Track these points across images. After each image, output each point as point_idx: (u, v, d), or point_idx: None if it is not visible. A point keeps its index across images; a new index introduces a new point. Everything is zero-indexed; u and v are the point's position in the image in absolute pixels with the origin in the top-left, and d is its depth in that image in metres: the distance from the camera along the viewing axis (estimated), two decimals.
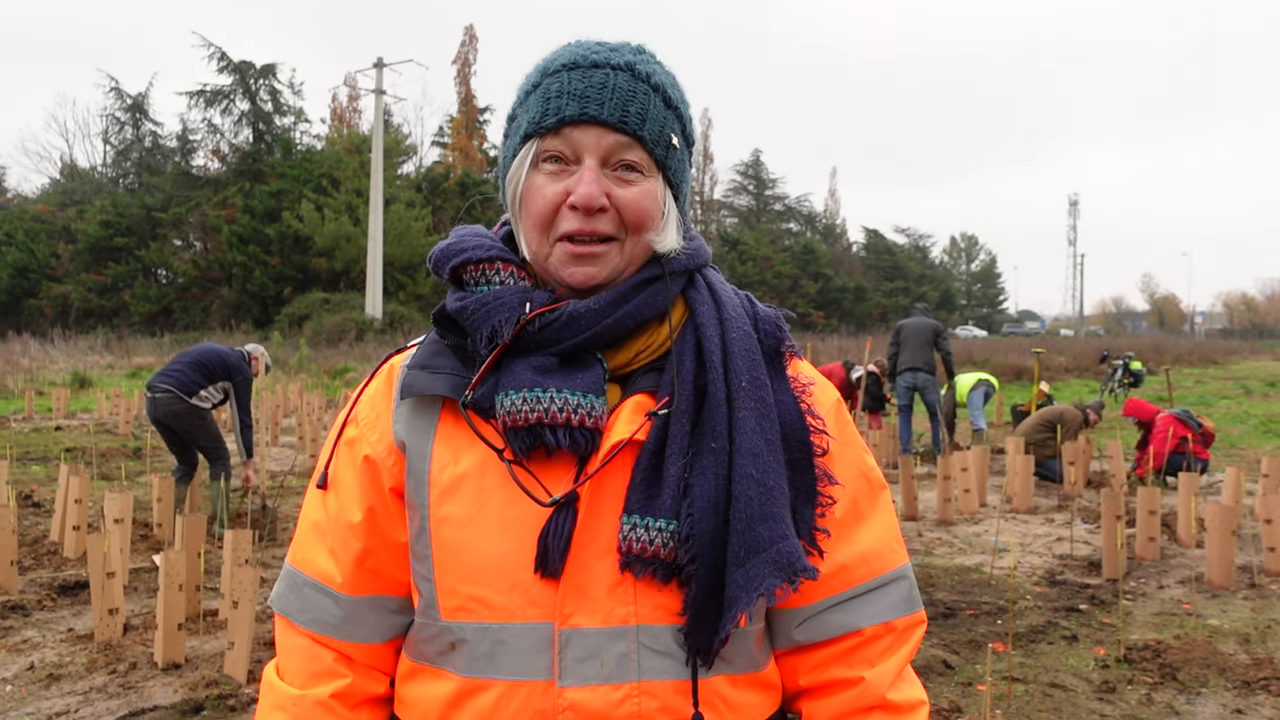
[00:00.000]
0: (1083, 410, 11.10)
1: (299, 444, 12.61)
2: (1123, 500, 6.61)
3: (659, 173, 1.21)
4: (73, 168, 54.91)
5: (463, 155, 53.00)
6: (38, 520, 8.17)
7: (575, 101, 1.17)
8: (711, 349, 1.21)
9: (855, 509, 1.27)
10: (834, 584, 1.23)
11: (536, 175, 1.20)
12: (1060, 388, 23.70)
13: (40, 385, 21.02)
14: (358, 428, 1.28)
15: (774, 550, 1.14)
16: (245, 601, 4.53)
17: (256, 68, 48.22)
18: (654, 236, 1.21)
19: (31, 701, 4.40)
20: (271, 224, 42.10)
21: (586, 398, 1.16)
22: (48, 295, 43.56)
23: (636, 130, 1.18)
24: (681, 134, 1.24)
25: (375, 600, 1.26)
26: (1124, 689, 4.59)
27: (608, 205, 1.17)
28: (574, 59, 1.21)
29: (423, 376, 1.22)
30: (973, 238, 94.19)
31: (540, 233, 1.20)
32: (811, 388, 1.28)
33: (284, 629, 1.30)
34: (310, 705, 1.24)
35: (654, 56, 1.25)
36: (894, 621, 1.25)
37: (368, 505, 1.25)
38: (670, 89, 1.22)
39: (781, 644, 1.27)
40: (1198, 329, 78.53)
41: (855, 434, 1.32)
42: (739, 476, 1.15)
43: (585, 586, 1.15)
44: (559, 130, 1.18)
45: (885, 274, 70.04)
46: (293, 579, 1.29)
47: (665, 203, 1.22)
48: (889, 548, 1.28)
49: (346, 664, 1.26)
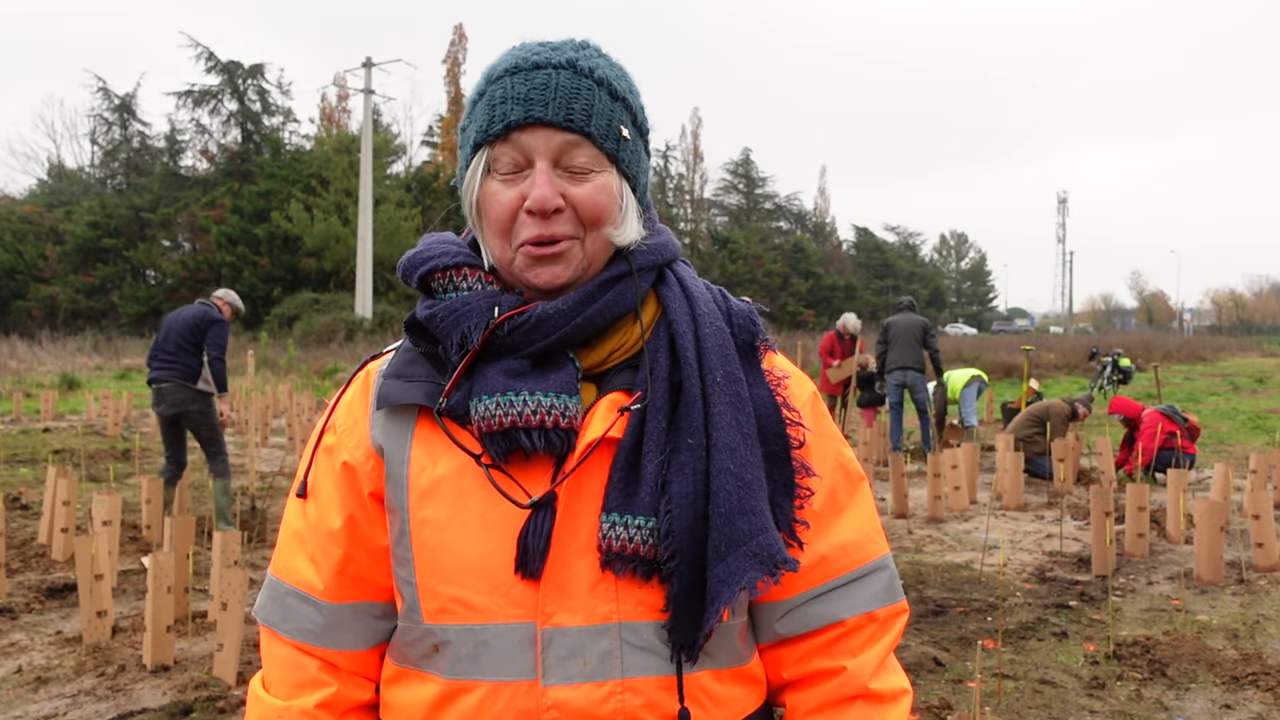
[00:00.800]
0: (1070, 404, 11.17)
1: (289, 444, 12.58)
2: (1112, 496, 6.64)
3: (612, 166, 1.21)
4: (60, 168, 54.57)
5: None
6: (25, 522, 8.14)
7: (520, 105, 1.17)
8: (685, 345, 1.21)
9: (834, 501, 1.27)
10: (815, 575, 1.24)
11: (491, 182, 1.20)
12: (1049, 385, 23.77)
13: (28, 387, 20.93)
14: (335, 435, 1.28)
15: (754, 543, 1.14)
16: (234, 603, 4.52)
17: (245, 68, 48.09)
18: (612, 230, 1.21)
19: (20, 704, 4.38)
20: (260, 224, 41.98)
21: (560, 398, 1.16)
22: (35, 297, 43.34)
23: (583, 127, 1.17)
24: (633, 124, 1.23)
25: (358, 606, 1.26)
26: (1114, 685, 4.60)
27: (563, 205, 1.17)
28: (516, 63, 1.21)
29: (397, 385, 1.23)
30: (962, 235, 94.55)
31: (502, 239, 1.20)
32: (787, 380, 1.28)
33: (268, 639, 1.30)
34: (295, 716, 1.24)
35: (598, 50, 1.25)
36: (875, 611, 1.25)
37: (347, 512, 1.25)
38: (616, 81, 1.22)
39: (765, 637, 1.27)
40: (1186, 326, 78.70)
41: (832, 426, 1.32)
42: (717, 471, 1.15)
43: (566, 585, 1.15)
44: (507, 136, 1.18)
45: (875, 272, 70.22)
46: (275, 589, 1.29)
47: (622, 195, 1.22)
48: (869, 538, 1.28)
49: (331, 672, 1.26)
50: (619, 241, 1.22)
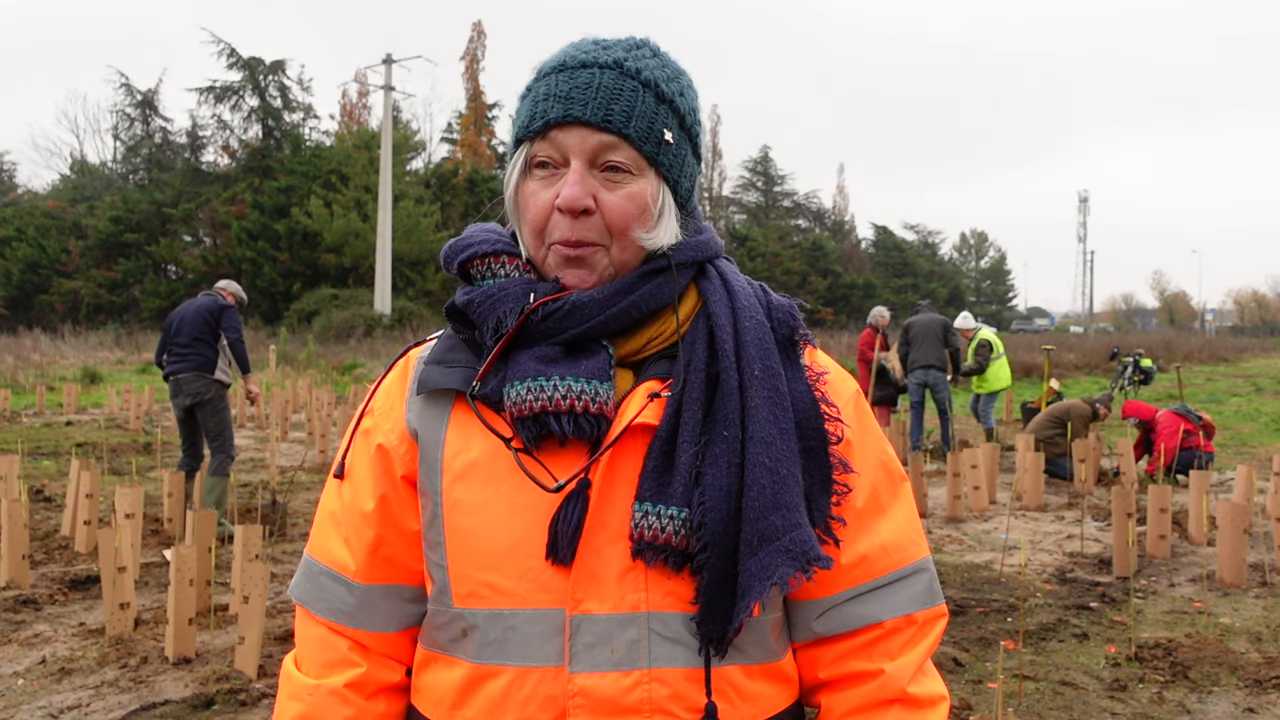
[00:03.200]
0: (1091, 404, 11.10)
1: (308, 439, 12.63)
2: (1133, 498, 6.59)
3: (651, 168, 1.21)
4: (83, 164, 55.02)
5: (471, 151, 53.04)
6: (49, 515, 8.21)
7: (560, 104, 1.17)
8: (724, 337, 1.21)
9: (876, 500, 1.26)
10: (855, 575, 1.23)
11: (529, 181, 1.21)
12: (1070, 385, 23.63)
13: (51, 380, 21.10)
14: (373, 418, 1.31)
15: (787, 539, 1.13)
16: (255, 597, 4.54)
17: (266, 64, 48.29)
18: (642, 235, 1.20)
19: (43, 695, 4.42)
20: (280, 220, 42.16)
21: (590, 384, 1.16)
22: (58, 291, 43.68)
23: (621, 129, 1.17)
24: (680, 127, 1.23)
25: (389, 589, 1.28)
26: (1135, 687, 4.57)
27: (593, 207, 1.17)
28: (563, 60, 1.21)
29: (437, 371, 1.24)
30: (982, 234, 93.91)
31: (536, 237, 1.22)
32: (826, 376, 1.28)
33: (302, 618, 1.32)
34: (325, 695, 1.25)
35: (653, 51, 1.24)
36: (915, 614, 1.25)
37: (380, 493, 1.26)
38: (664, 83, 1.21)
39: (801, 635, 1.27)
40: (1208, 326, 78.04)
41: (874, 424, 1.32)
42: (751, 464, 1.14)
43: (597, 572, 1.15)
44: (545, 134, 1.19)
45: (894, 271, 69.86)
46: (310, 568, 1.32)
47: (660, 199, 1.22)
48: (910, 539, 1.27)
49: (361, 653, 1.28)
50: (650, 246, 1.22)
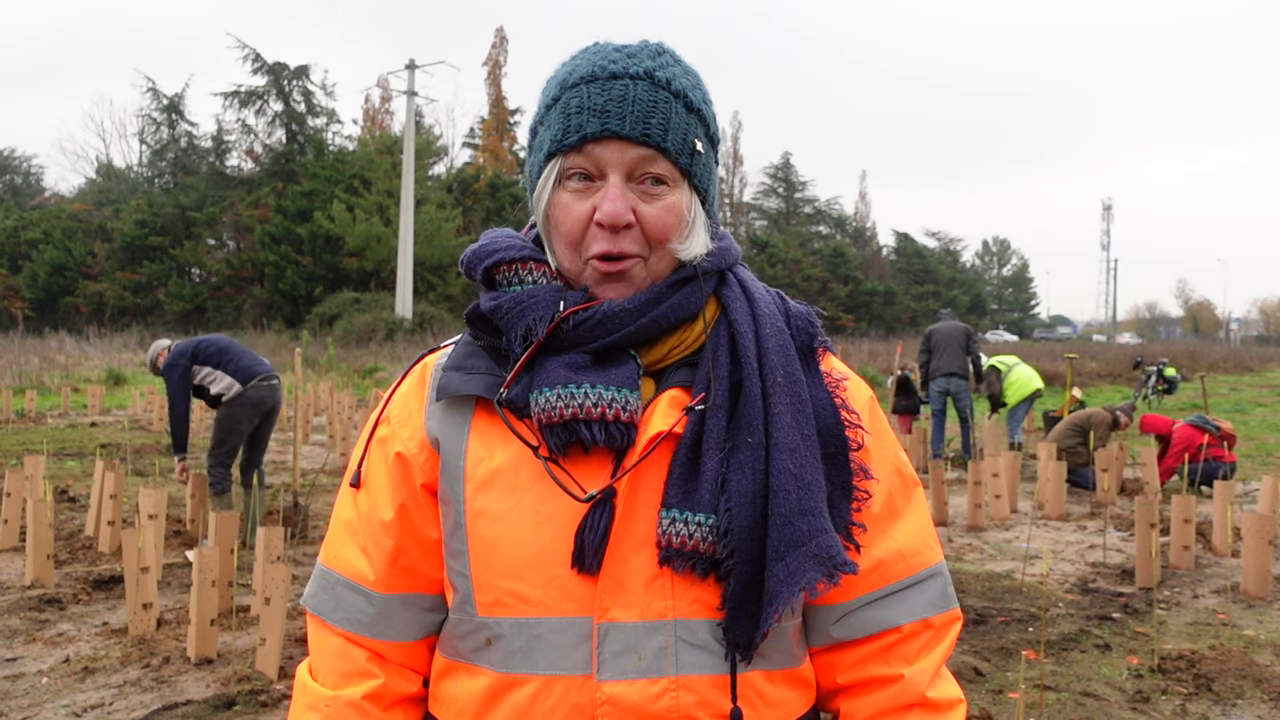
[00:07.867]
0: (1112, 413, 11.01)
1: (329, 443, 12.69)
2: (1157, 508, 6.53)
3: (684, 180, 1.21)
4: (109, 167, 55.58)
5: (493, 156, 53.18)
6: (73, 515, 8.28)
7: (596, 117, 1.17)
8: (746, 345, 1.21)
9: (891, 505, 1.27)
10: (872, 580, 1.24)
11: (562, 193, 1.20)
12: (1092, 394, 23.46)
13: (76, 382, 21.27)
14: (390, 426, 1.29)
15: (814, 544, 1.14)
16: (277, 598, 4.57)
17: (290, 69, 48.65)
18: (678, 246, 1.21)
19: (67, 694, 4.46)
20: (303, 224, 42.42)
21: (620, 392, 1.16)
22: (84, 293, 44.10)
23: (660, 142, 1.17)
24: (706, 136, 1.23)
25: (408, 598, 1.27)
26: (1158, 699, 4.53)
27: (633, 221, 1.18)
28: (592, 70, 1.20)
29: (457, 377, 1.23)
30: (1004, 241, 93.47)
31: (572, 250, 1.21)
32: (845, 383, 1.28)
33: (317, 628, 1.30)
34: (342, 706, 1.24)
35: (674, 57, 1.24)
36: (932, 618, 1.25)
37: (399, 502, 1.26)
38: (691, 92, 1.22)
39: (818, 640, 1.27)
40: (1233, 335, 77.32)
41: (889, 430, 1.32)
42: (776, 471, 1.15)
43: (623, 580, 1.15)
44: (581, 148, 1.18)
45: (915, 278, 69.57)
46: (325, 578, 1.30)
47: (692, 210, 1.22)
48: (925, 544, 1.28)
49: (379, 663, 1.27)
50: (684, 256, 1.22)
